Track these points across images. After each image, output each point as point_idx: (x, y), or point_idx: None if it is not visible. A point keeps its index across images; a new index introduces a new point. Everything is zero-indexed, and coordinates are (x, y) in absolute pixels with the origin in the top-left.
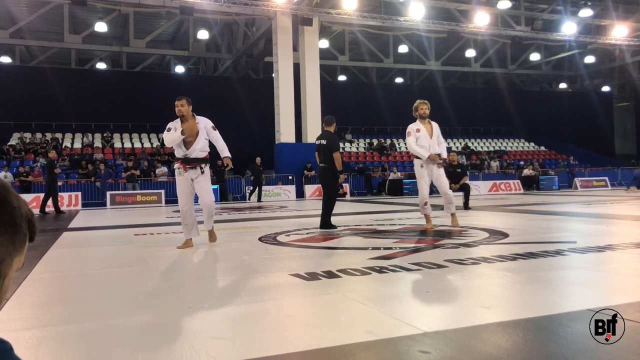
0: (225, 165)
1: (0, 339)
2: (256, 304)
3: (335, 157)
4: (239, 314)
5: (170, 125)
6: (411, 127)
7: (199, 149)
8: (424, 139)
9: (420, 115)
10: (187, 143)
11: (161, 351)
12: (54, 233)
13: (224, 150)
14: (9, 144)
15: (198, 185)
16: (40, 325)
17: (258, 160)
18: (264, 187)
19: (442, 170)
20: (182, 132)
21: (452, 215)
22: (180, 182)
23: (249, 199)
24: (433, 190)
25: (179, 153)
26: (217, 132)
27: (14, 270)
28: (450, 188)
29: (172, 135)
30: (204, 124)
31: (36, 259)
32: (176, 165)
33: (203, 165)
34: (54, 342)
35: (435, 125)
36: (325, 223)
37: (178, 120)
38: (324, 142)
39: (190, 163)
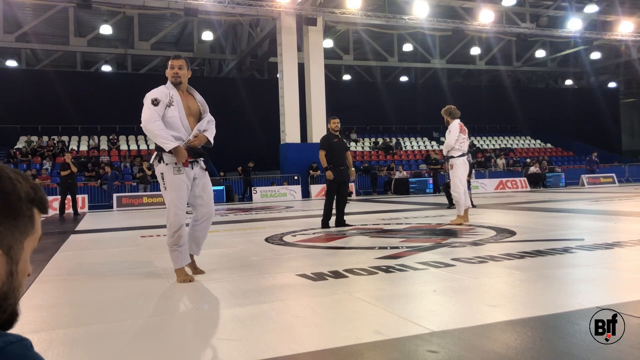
0: (192, 140)
1: (21, 336)
2: (263, 304)
3: (319, 155)
4: (246, 315)
5: (157, 94)
6: None
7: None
8: None
9: None
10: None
11: (169, 353)
12: (61, 236)
13: (208, 132)
14: (15, 147)
15: (202, 187)
16: (49, 327)
17: None
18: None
19: (452, 171)
20: (173, 151)
21: (457, 215)
22: (177, 183)
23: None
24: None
25: (175, 139)
26: (212, 118)
27: (28, 252)
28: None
29: (150, 114)
30: (203, 101)
31: (44, 262)
32: (169, 159)
33: (204, 159)
34: (62, 345)
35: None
36: (337, 221)
37: (172, 89)
38: None
39: (197, 155)
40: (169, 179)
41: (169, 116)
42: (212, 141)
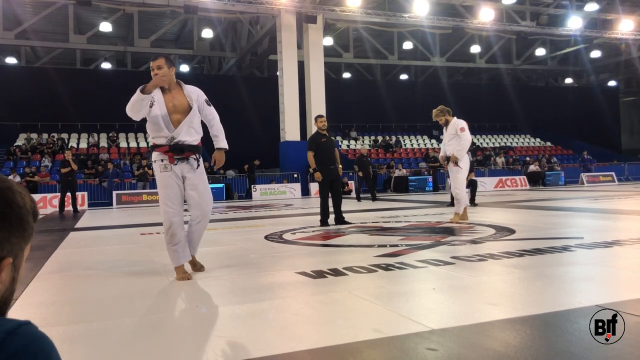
0: (213, 162)
1: (27, 320)
2: (263, 302)
3: (308, 156)
4: (245, 312)
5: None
6: None
7: (193, 131)
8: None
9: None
10: (173, 120)
11: (168, 350)
12: (60, 233)
13: (219, 138)
14: (15, 144)
15: (192, 185)
16: (49, 324)
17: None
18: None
19: (455, 169)
20: (145, 90)
21: (455, 213)
22: (165, 180)
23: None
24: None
25: (159, 137)
26: (212, 108)
27: (24, 259)
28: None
29: (133, 100)
30: (195, 95)
31: (43, 259)
32: (156, 156)
33: (197, 156)
34: (62, 342)
35: (451, 124)
36: (337, 219)
37: (157, 92)
38: None
39: (181, 152)
40: (158, 176)
41: (151, 115)
42: (227, 146)
